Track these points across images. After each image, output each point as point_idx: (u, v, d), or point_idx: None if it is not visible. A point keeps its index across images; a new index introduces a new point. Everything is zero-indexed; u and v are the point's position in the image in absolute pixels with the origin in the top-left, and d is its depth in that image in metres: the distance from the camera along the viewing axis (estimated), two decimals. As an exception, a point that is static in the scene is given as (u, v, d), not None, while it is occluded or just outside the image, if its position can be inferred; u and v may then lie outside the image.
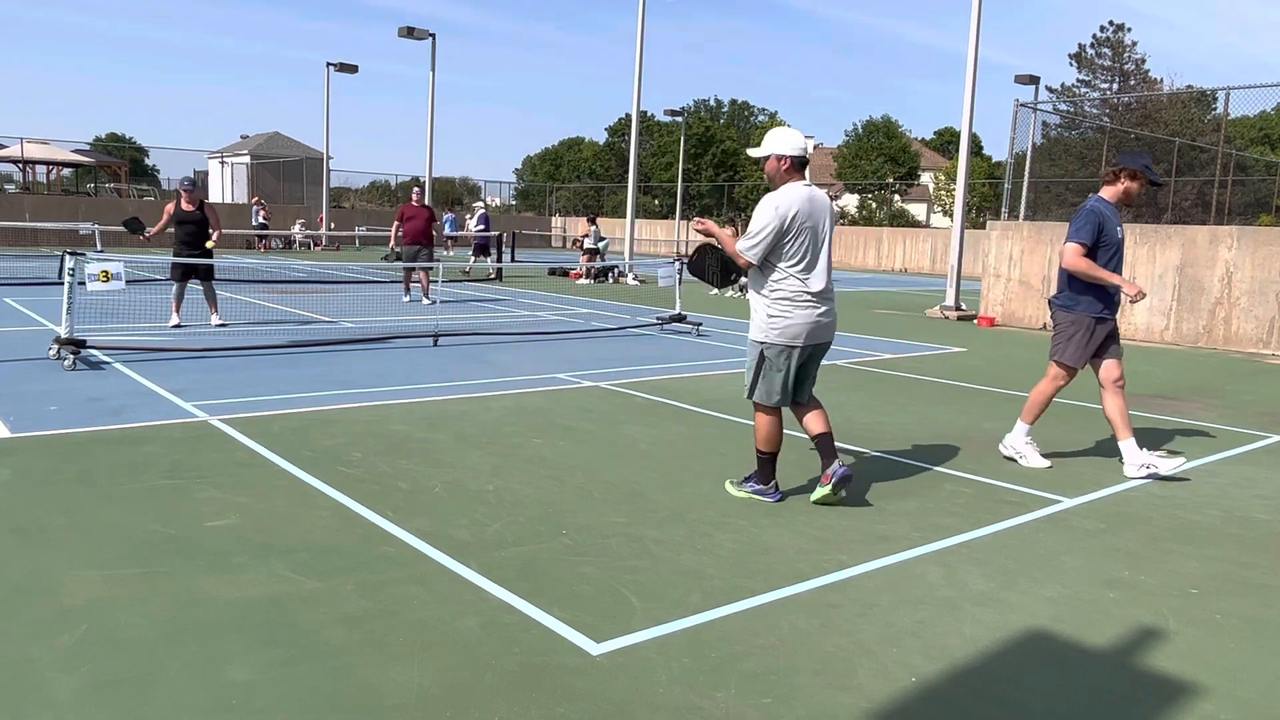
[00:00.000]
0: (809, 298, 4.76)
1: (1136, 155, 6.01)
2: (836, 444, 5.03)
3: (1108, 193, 5.92)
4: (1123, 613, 3.72)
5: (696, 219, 5.15)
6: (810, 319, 4.78)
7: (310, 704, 2.79)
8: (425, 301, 15.58)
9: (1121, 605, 3.79)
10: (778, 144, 4.80)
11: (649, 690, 2.94)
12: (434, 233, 15.44)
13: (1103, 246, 5.79)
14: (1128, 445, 5.91)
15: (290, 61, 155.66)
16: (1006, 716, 2.89)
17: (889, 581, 3.94)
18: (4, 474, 4.98)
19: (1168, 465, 5.82)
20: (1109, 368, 6.03)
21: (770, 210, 4.70)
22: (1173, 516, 5.06)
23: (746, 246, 4.76)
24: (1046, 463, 6.02)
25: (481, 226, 23.70)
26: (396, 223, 15.39)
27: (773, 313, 4.79)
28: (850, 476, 4.88)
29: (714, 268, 5.21)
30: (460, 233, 30.16)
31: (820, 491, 4.92)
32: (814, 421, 5.00)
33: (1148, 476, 5.79)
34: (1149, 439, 7.04)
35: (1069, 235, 5.82)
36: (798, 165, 4.79)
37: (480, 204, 26.70)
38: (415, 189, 15.94)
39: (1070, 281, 5.89)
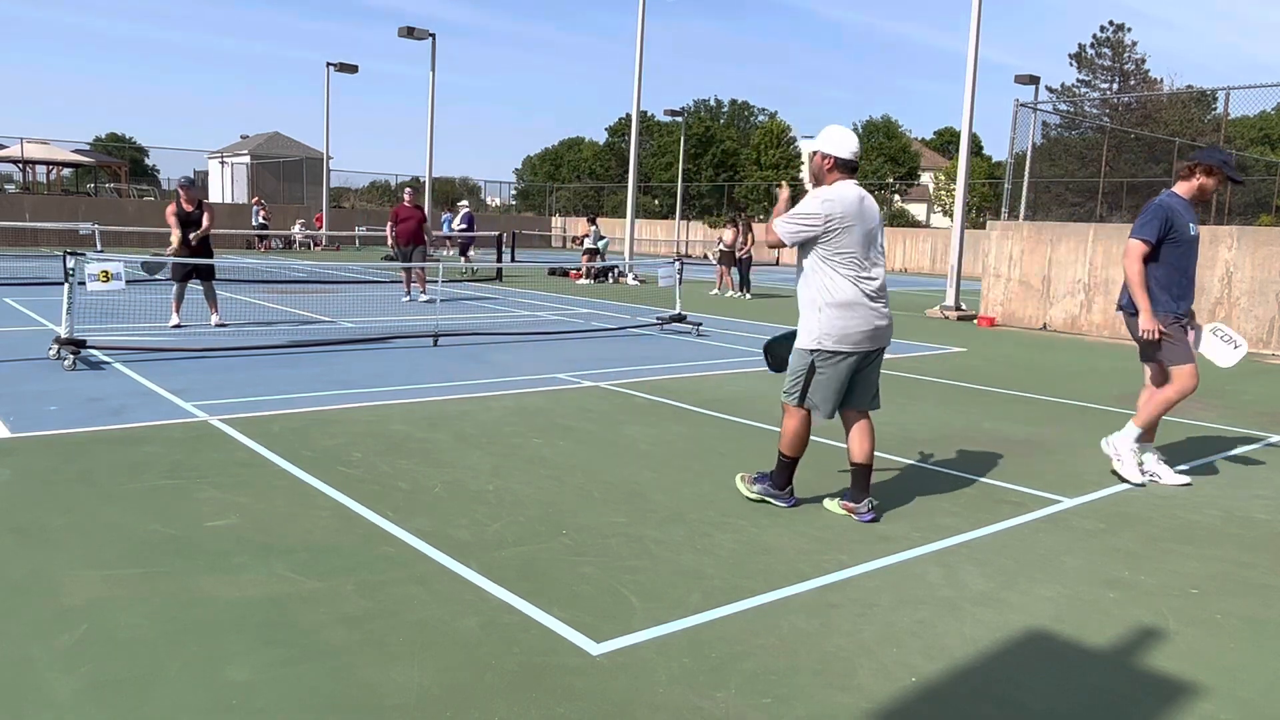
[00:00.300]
0: (864, 300, 4.58)
1: (1214, 150, 5.76)
2: (845, 446, 5.01)
3: (1182, 188, 5.68)
4: (1123, 613, 3.72)
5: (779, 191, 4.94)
6: (866, 322, 4.59)
7: (310, 704, 2.79)
8: (423, 298, 15.68)
9: (1121, 605, 3.79)
10: (826, 142, 4.66)
11: (649, 690, 2.94)
12: (425, 233, 15.67)
13: (1171, 243, 5.55)
14: (1142, 444, 5.81)
15: (290, 61, 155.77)
16: (1006, 716, 2.89)
17: (889, 581, 3.94)
18: (4, 474, 4.98)
19: (1166, 477, 5.75)
20: (1157, 372, 5.85)
21: (817, 201, 4.56)
22: (1173, 516, 5.06)
23: (783, 224, 4.60)
24: (1143, 479, 5.73)
25: (464, 226, 23.75)
26: (391, 223, 15.61)
27: (824, 316, 4.59)
28: (876, 522, 4.73)
29: (783, 353, 5.03)
30: (451, 233, 30.22)
31: (833, 507, 4.87)
32: (858, 444, 4.80)
33: (1138, 481, 5.71)
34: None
35: (1132, 231, 5.60)
36: (843, 166, 4.65)
37: (464, 204, 26.81)
38: (407, 190, 16.16)
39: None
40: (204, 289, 11.41)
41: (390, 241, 15.78)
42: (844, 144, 4.64)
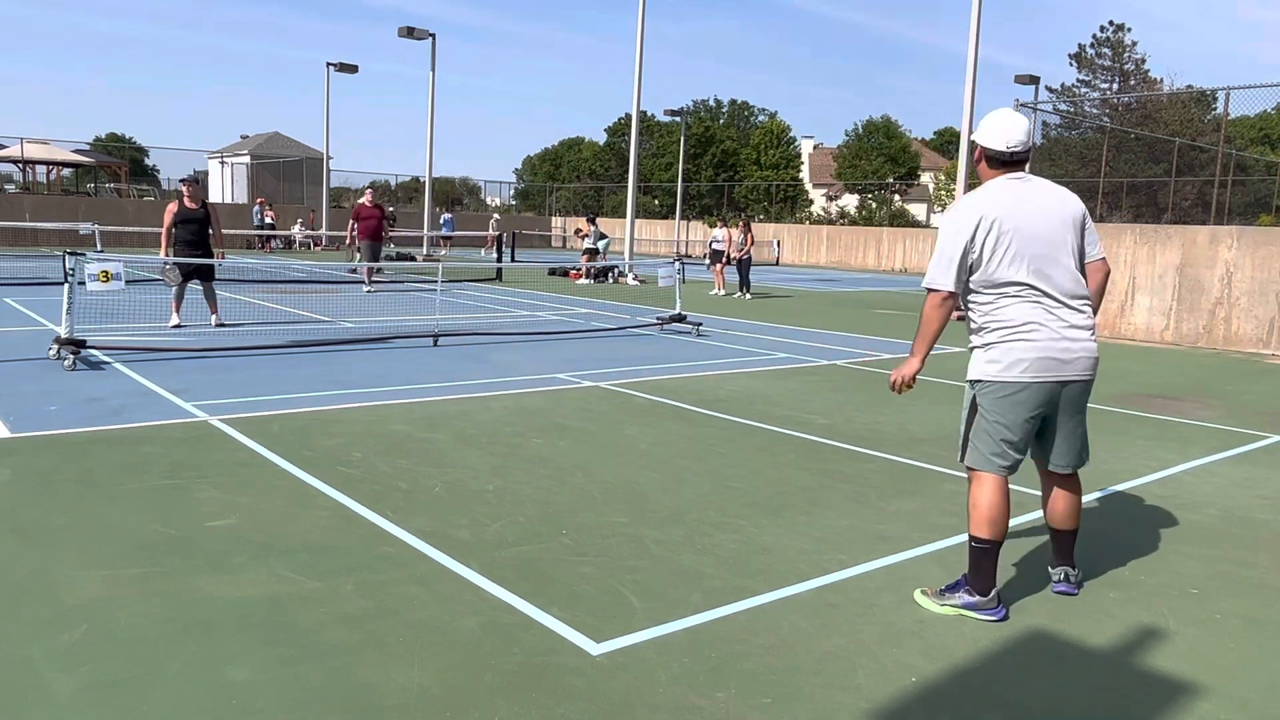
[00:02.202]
0: (1038, 322, 3.56)
1: None
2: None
3: None
4: (1123, 613, 3.72)
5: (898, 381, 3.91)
6: (1043, 350, 3.55)
7: (310, 704, 2.79)
8: (366, 289, 17.22)
9: (1121, 605, 3.79)
10: (980, 131, 3.76)
11: (649, 690, 2.94)
12: (384, 230, 17.26)
13: None
14: None
15: (290, 61, 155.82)
16: (1007, 716, 2.89)
17: (889, 581, 3.94)
18: (4, 474, 4.98)
19: None
20: None
21: (951, 222, 3.66)
22: (1173, 516, 5.06)
23: (930, 278, 3.65)
24: None
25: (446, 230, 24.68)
26: (353, 221, 17.00)
27: (989, 341, 3.64)
28: (1071, 594, 3.89)
29: None
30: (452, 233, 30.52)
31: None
32: (1060, 511, 3.87)
33: None
34: (1149, 438, 7.06)
35: None
36: (997, 160, 3.69)
37: (449, 214, 27.62)
38: (368, 190, 17.77)
39: None
40: (204, 289, 11.40)
41: (349, 239, 17.14)
42: (996, 133, 3.69)
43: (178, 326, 11.04)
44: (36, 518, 4.32)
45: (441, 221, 29.05)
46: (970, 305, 3.74)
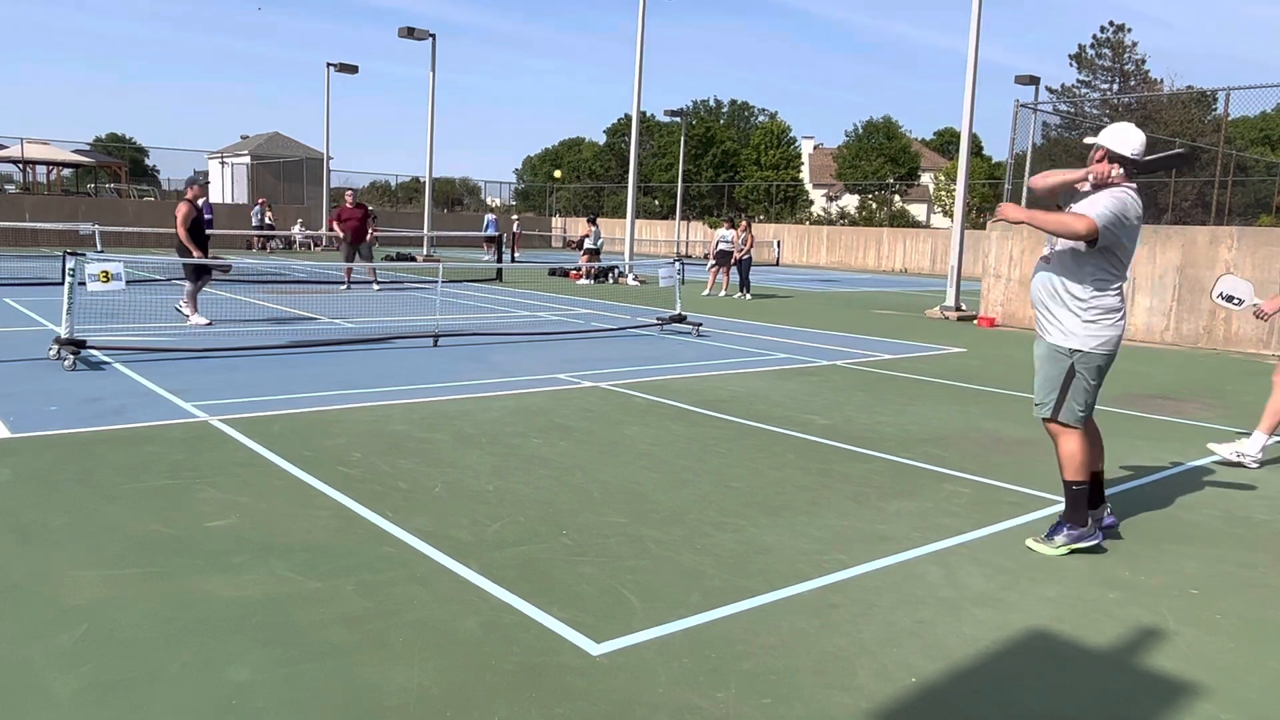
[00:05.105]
0: (1119, 310, 4.34)
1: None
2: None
3: None
4: (1123, 613, 3.72)
5: (1002, 208, 4.44)
6: (1120, 331, 4.37)
7: (310, 704, 2.79)
8: (344, 289, 17.58)
9: (1121, 605, 3.79)
10: (1113, 138, 4.31)
11: (649, 690, 2.94)
12: (367, 229, 17.87)
13: None
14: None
15: (290, 61, 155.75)
16: (1007, 717, 2.89)
17: (889, 581, 3.94)
18: (4, 474, 4.98)
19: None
20: None
21: (1120, 203, 4.21)
22: (1173, 516, 5.06)
23: (1095, 212, 4.17)
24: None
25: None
26: (335, 222, 17.79)
27: (1090, 319, 4.29)
28: (1115, 526, 4.60)
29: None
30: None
31: (1045, 548, 4.45)
32: (1096, 452, 4.56)
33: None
34: (1149, 438, 7.06)
35: None
36: (1134, 168, 4.30)
37: (492, 215, 27.94)
38: (348, 192, 18.45)
39: None
40: (195, 287, 11.68)
41: (340, 240, 17.77)
42: (1129, 141, 4.29)
43: (209, 324, 11.37)
44: (36, 518, 4.32)
45: (486, 223, 28.88)
46: (1077, 281, 4.32)
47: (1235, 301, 6.40)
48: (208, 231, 11.82)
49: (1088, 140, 4.47)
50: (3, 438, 5.75)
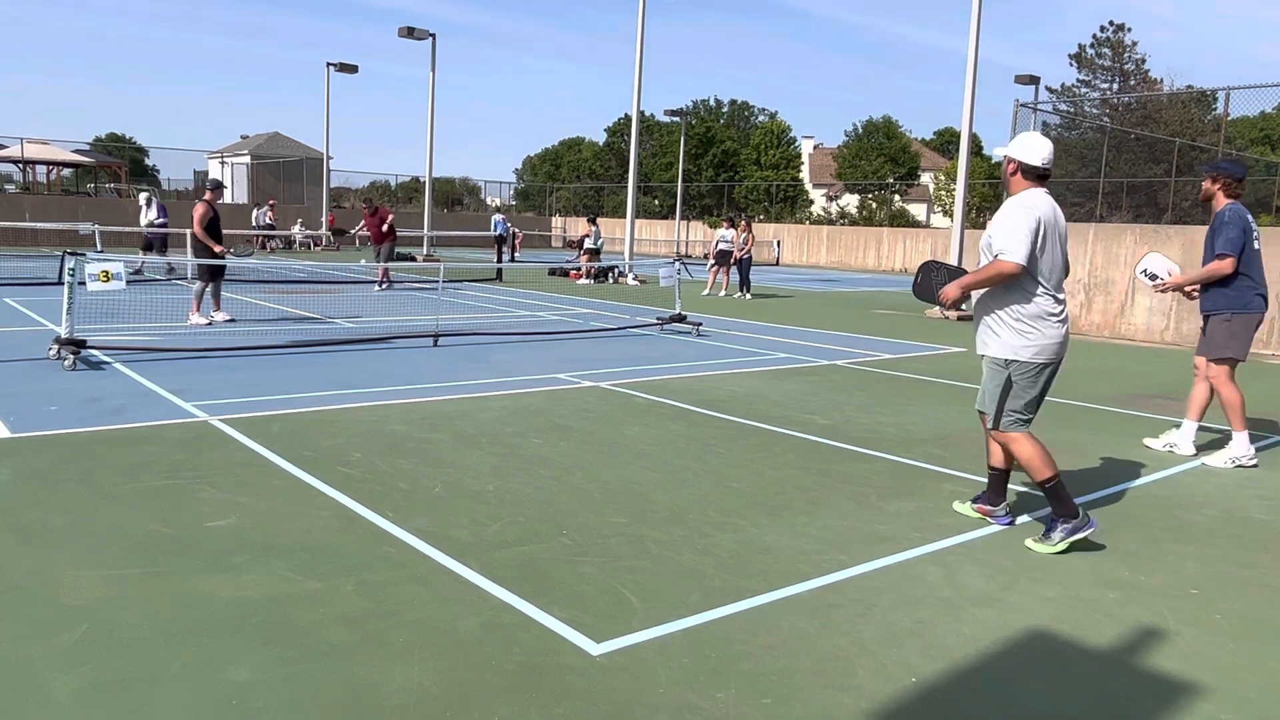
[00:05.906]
0: (1055, 315, 4.46)
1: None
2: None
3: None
4: (1123, 613, 3.72)
5: (944, 293, 4.65)
6: (1059, 335, 4.47)
7: (310, 704, 2.79)
8: (377, 290, 18.00)
9: (1121, 605, 3.79)
10: (1017, 148, 4.54)
11: (649, 690, 2.94)
12: (385, 233, 18.53)
13: None
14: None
15: (290, 61, 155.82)
16: (1007, 717, 2.89)
17: (889, 581, 3.94)
18: (4, 474, 4.98)
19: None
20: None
21: (1023, 210, 4.39)
22: (1173, 516, 5.06)
23: (1012, 248, 4.32)
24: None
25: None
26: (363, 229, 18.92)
27: (1022, 329, 4.44)
28: (1011, 525, 4.76)
29: (941, 284, 4.77)
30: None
31: (964, 509, 4.92)
32: (1001, 452, 4.72)
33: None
34: (1149, 438, 7.05)
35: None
36: (1032, 174, 4.50)
37: (500, 216, 27.92)
38: (364, 202, 20.24)
39: None
40: (204, 286, 11.68)
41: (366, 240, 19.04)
42: (1033, 150, 4.49)
43: (230, 320, 11.59)
44: (36, 518, 4.32)
45: (494, 223, 28.71)
46: (1005, 293, 4.48)
47: (1151, 276, 7.02)
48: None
49: (996, 152, 4.69)
50: (3, 438, 5.75)
